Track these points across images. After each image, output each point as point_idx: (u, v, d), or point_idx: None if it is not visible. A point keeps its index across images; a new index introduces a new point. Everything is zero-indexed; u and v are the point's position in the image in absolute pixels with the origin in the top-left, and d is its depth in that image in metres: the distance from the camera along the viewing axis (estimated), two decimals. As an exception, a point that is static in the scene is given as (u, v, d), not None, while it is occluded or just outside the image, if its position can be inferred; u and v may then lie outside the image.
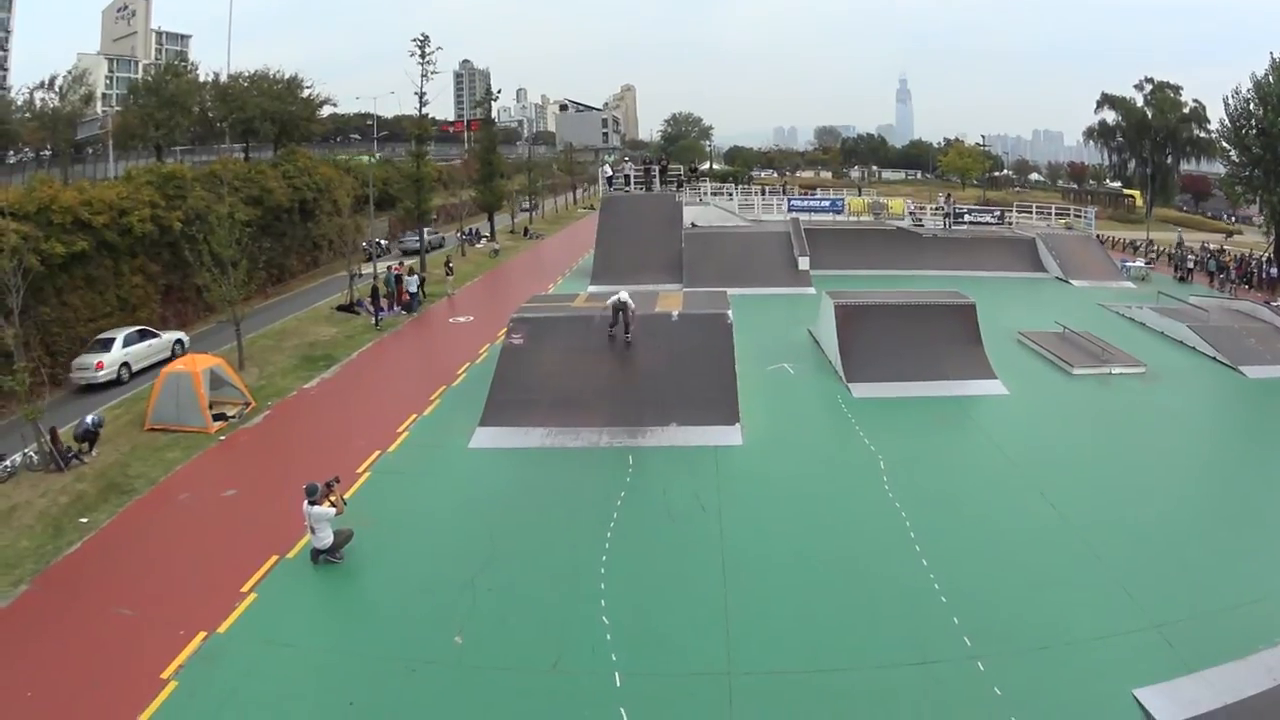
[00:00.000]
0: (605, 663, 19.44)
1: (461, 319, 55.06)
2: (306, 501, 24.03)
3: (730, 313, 37.14)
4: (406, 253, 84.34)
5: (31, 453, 31.80)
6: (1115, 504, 25.92)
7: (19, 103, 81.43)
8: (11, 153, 72.79)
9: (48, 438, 31.58)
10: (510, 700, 18.61)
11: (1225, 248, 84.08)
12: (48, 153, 77.14)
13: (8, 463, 31.43)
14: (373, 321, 52.14)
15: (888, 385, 35.89)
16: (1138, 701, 17.21)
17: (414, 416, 36.03)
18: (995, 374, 36.47)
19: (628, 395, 34.06)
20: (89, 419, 33.42)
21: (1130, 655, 18.82)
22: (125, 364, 44.13)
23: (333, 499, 24.29)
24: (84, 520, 27.75)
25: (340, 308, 55.59)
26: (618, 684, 18.78)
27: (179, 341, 47.96)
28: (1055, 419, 33.24)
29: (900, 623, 20.47)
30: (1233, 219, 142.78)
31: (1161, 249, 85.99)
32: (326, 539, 24.04)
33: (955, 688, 18.16)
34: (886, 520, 25.45)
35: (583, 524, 25.93)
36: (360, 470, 30.39)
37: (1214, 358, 39.75)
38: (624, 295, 32.70)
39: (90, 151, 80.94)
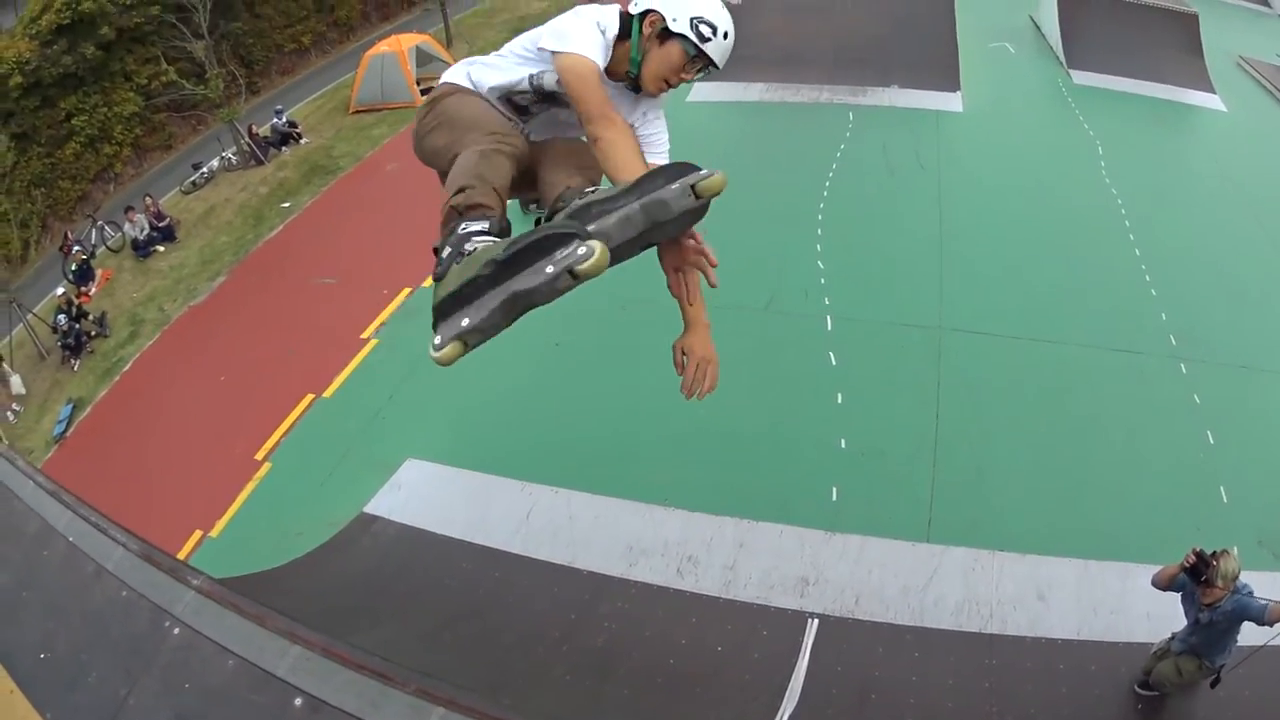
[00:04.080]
0: (818, 306, 18.93)
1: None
2: None
3: (951, -17, 34.72)
4: None
5: (230, 154, 31.67)
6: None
7: None
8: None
9: (245, 135, 31.43)
10: (723, 336, 17.52)
11: None
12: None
13: (205, 169, 31.33)
14: (588, -4, 49.59)
15: (1107, 77, 32.64)
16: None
17: (633, 74, 34.11)
18: (1215, 89, 32.33)
19: (850, 55, 32.03)
20: (277, 120, 32.84)
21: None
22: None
23: None
24: (285, 205, 27.58)
25: (554, -17, 53.07)
26: (829, 328, 18.38)
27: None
28: (1274, 148, 29.38)
29: (1107, 307, 19.34)
30: None
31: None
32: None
33: (1157, 384, 17.22)
34: (1103, 205, 23.35)
35: (801, 172, 24.72)
36: None
37: None
38: None
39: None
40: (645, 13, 5.08)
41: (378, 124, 32.61)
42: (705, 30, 5.07)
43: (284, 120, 32.54)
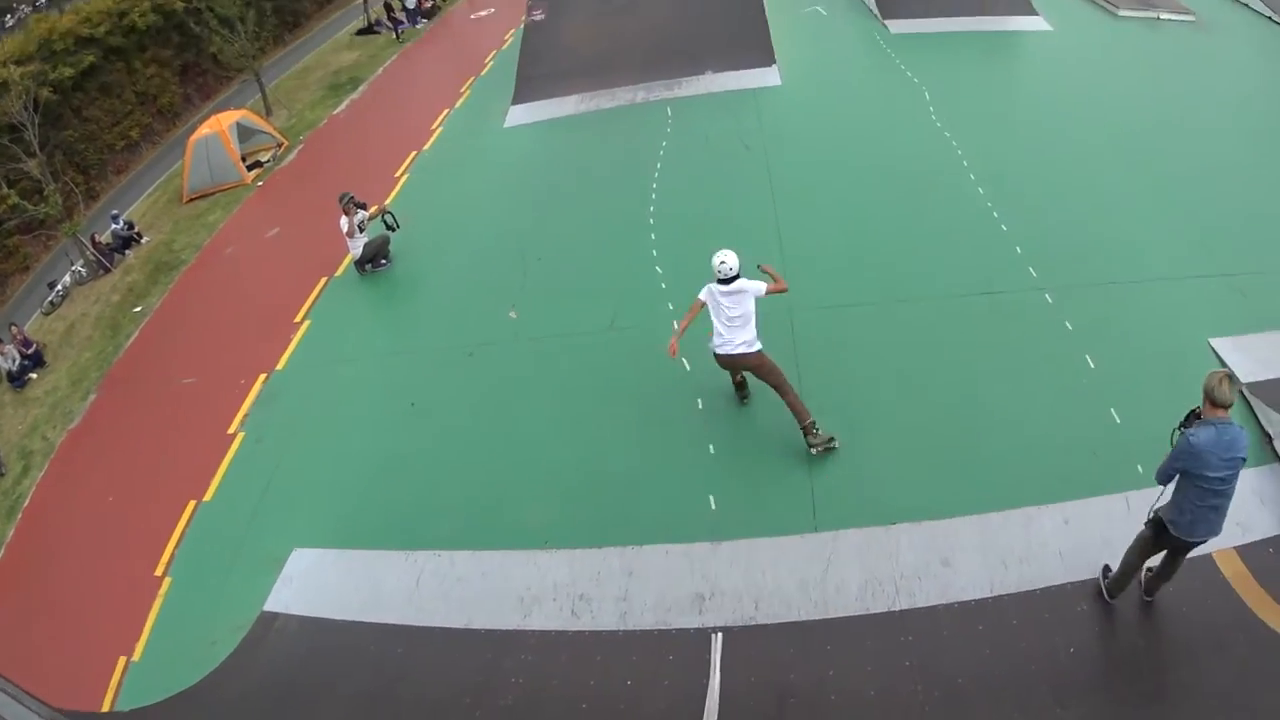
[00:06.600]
0: (662, 314, 18.64)
1: (483, 13, 51.73)
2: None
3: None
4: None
5: (79, 267, 31.18)
6: (1175, 145, 22.83)
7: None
8: (9, 16, 70.98)
9: (89, 245, 30.93)
10: (570, 363, 18.45)
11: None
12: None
13: (60, 286, 30.95)
14: (394, 36, 49.76)
15: (925, 21, 32.87)
16: (1214, 351, 15.62)
17: (446, 111, 34.27)
18: (1036, 10, 32.80)
19: (659, 49, 32.18)
20: (115, 225, 32.38)
21: (1201, 300, 17.03)
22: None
23: (360, 211, 23.21)
24: (137, 309, 27.11)
25: (360, 32, 52.80)
26: (676, 333, 18.23)
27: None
28: (1103, 58, 29.86)
29: (961, 252, 19.33)
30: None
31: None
32: (358, 251, 23.41)
33: (1025, 319, 17.15)
34: (937, 150, 23.54)
35: (626, 179, 24.73)
36: (398, 174, 29.30)
37: (1270, 17, 33.31)
38: None
39: (86, -22, 78.22)
40: None
41: (212, 209, 32.29)
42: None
43: (121, 224, 32.02)
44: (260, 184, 33.35)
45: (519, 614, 13.26)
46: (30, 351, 26.38)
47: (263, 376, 20.74)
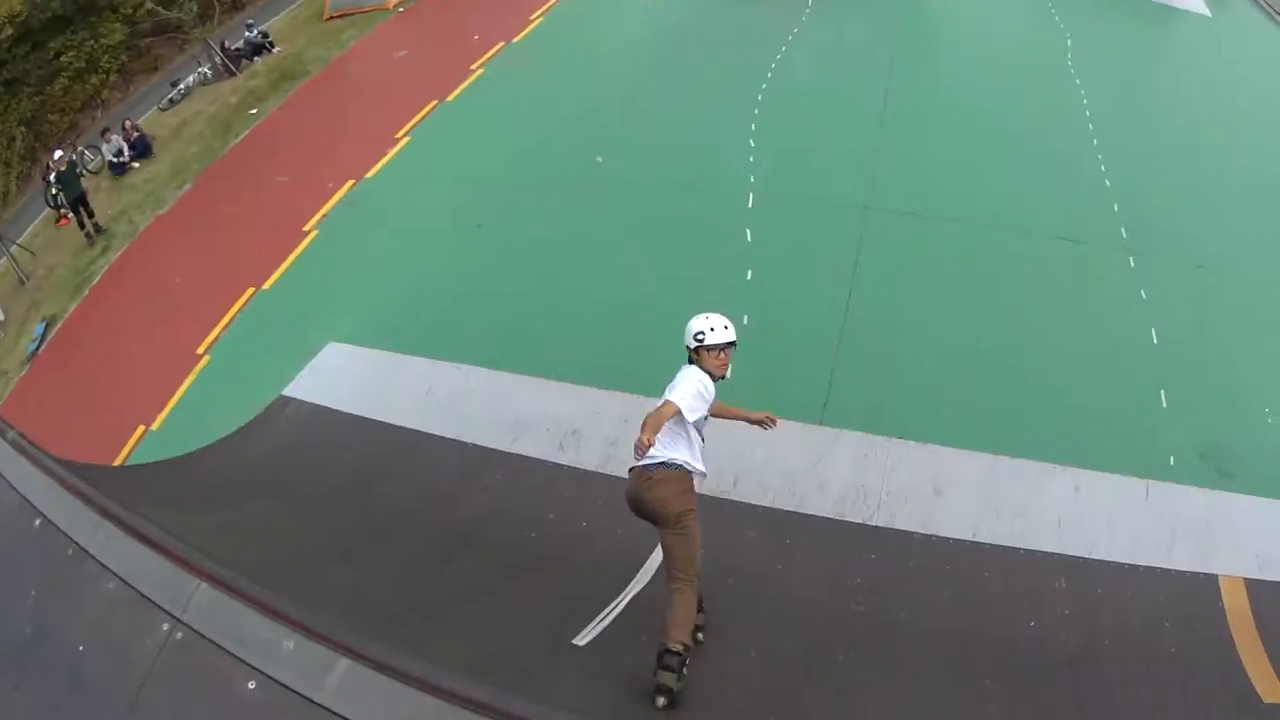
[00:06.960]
0: (742, 184, 18.42)
1: None
2: None
3: None
4: None
5: (205, 70, 31.80)
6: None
7: None
8: None
9: (218, 50, 31.53)
10: (637, 211, 18.33)
11: None
12: None
13: (182, 85, 31.55)
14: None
15: None
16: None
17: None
18: None
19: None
20: (249, 33, 32.65)
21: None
22: None
23: None
24: (253, 112, 27.65)
25: None
26: (749, 205, 17.88)
27: None
28: (1257, 51, 28.67)
29: (1056, 193, 18.51)
30: None
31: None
32: None
33: (1099, 275, 16.35)
34: (1064, 93, 22.58)
35: (746, 57, 24.04)
36: (533, 17, 28.57)
37: None
38: None
39: None
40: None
41: (348, 28, 32.27)
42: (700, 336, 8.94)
43: (255, 33, 32.44)
44: (402, 9, 32.97)
45: (510, 436, 13.26)
46: (135, 140, 27.23)
47: (350, 182, 21.07)
